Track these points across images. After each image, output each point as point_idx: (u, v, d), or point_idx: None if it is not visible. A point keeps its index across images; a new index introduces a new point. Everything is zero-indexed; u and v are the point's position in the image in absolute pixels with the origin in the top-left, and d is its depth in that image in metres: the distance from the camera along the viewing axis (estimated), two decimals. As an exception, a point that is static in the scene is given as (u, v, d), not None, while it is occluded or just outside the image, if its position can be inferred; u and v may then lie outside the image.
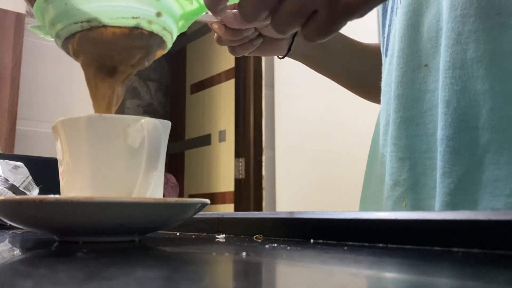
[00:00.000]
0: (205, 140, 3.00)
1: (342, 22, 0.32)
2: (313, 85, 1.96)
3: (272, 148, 2.23)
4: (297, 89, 2.10)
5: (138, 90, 3.38)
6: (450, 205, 0.41)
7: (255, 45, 0.56)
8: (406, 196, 0.46)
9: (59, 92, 1.96)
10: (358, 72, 0.67)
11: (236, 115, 2.38)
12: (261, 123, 2.26)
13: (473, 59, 0.41)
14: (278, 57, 0.61)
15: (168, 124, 0.38)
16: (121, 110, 2.34)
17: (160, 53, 0.40)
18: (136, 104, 3.37)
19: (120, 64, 0.38)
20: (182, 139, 3.21)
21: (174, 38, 0.40)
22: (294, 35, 0.59)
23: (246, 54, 0.58)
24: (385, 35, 0.54)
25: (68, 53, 0.38)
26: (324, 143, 1.94)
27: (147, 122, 0.34)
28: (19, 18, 1.84)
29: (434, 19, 0.45)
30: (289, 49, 0.60)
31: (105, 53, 0.37)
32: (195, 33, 3.14)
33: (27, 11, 1.92)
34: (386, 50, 0.53)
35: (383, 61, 0.55)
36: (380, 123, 0.54)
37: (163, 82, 3.49)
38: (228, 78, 2.82)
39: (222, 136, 2.85)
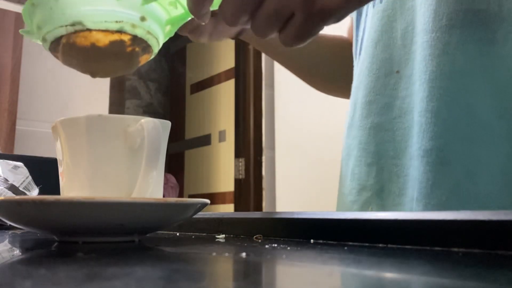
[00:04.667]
0: (205, 140, 3.00)
1: (318, 26, 0.34)
2: (313, 85, 1.96)
3: (272, 148, 2.23)
4: (297, 89, 2.10)
5: (138, 90, 3.38)
6: None
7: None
8: (372, 201, 0.47)
9: (59, 92, 1.96)
10: (312, 58, 0.64)
11: (236, 115, 2.38)
12: (261, 123, 2.26)
13: (462, 71, 0.41)
14: (230, 38, 0.59)
15: (168, 124, 0.38)
16: (121, 110, 2.33)
17: (146, 57, 0.40)
18: (136, 104, 3.36)
19: (103, 68, 0.39)
20: (182, 139, 3.21)
21: (161, 43, 0.40)
22: None
23: (201, 40, 0.52)
24: (359, 38, 0.54)
25: (55, 56, 0.39)
26: (324, 143, 1.94)
27: (147, 122, 0.34)
28: (19, 18, 1.84)
29: (410, 26, 0.46)
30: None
31: (88, 58, 0.38)
32: (195, 33, 3.13)
33: (27, 11, 1.92)
34: (359, 54, 0.53)
35: (354, 64, 0.55)
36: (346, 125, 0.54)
37: (163, 82, 3.49)
38: (228, 78, 2.81)
39: (222, 136, 2.85)
